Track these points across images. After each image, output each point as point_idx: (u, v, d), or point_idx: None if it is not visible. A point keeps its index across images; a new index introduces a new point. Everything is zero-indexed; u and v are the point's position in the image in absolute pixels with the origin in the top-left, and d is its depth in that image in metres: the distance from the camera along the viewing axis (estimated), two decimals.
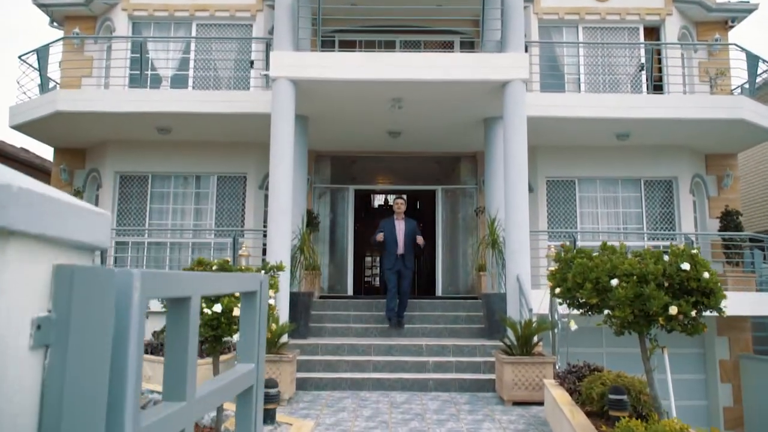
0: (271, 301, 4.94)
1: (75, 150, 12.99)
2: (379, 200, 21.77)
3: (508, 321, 7.38)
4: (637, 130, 11.56)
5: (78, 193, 12.51)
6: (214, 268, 5.09)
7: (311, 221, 12.21)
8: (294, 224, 9.86)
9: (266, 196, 12.47)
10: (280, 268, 5.68)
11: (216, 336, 4.62)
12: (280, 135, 8.99)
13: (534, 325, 7.16)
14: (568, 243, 11.37)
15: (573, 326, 7.25)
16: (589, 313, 5.01)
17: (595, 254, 5.05)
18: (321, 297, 12.04)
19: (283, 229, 8.76)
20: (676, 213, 12.64)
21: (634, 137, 11.91)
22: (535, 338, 7.25)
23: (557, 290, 5.20)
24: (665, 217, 12.72)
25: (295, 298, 9.05)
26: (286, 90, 9.09)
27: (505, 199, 9.06)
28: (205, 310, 4.41)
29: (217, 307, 4.45)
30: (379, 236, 9.30)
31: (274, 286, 5.05)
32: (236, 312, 4.56)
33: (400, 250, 9.32)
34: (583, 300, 4.79)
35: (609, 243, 5.26)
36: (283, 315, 8.56)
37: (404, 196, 9.52)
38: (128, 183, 12.64)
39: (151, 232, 12.53)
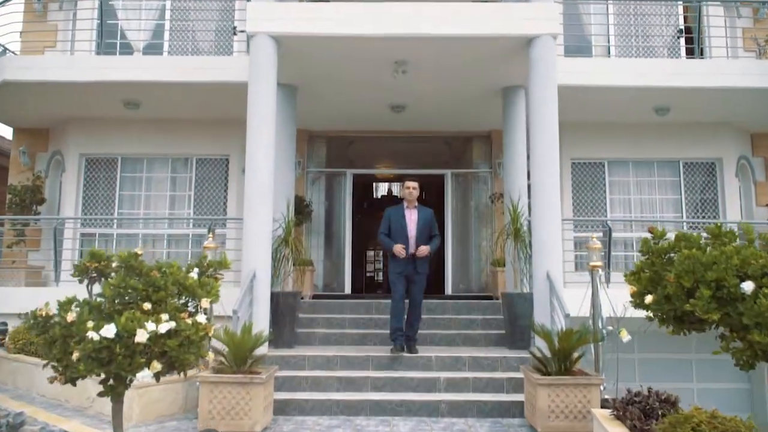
0: (201, 318, 3.39)
1: (36, 130, 11.45)
2: (382, 190, 20.24)
3: (542, 331, 5.82)
4: (679, 102, 9.95)
5: (38, 179, 10.99)
6: (114, 264, 3.57)
7: (302, 209, 10.69)
8: (278, 212, 8.32)
9: None
10: (222, 264, 4.11)
11: (113, 375, 3.10)
12: (259, 104, 7.43)
13: (576, 335, 5.60)
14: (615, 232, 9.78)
15: (625, 336, 5.73)
16: (689, 331, 3.44)
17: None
18: (315, 296, 10.53)
19: (262, 217, 7.21)
20: (720, 200, 11.05)
21: (673, 112, 10.31)
22: (576, 352, 5.69)
23: (648, 299, 3.61)
24: (707, 204, 11.13)
25: (277, 300, 7.52)
26: (266, 49, 7.53)
27: (531, 180, 7.49)
28: (90, 334, 2.89)
29: (109, 330, 2.96)
30: (398, 253, 7.11)
31: (212, 292, 3.51)
32: (141, 337, 3.03)
33: (411, 247, 7.17)
34: (697, 314, 3.17)
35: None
36: (261, 321, 7.02)
37: (416, 179, 7.63)
38: (95, 167, 11.10)
39: (121, 222, 11.00)
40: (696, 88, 9.32)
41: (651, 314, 3.65)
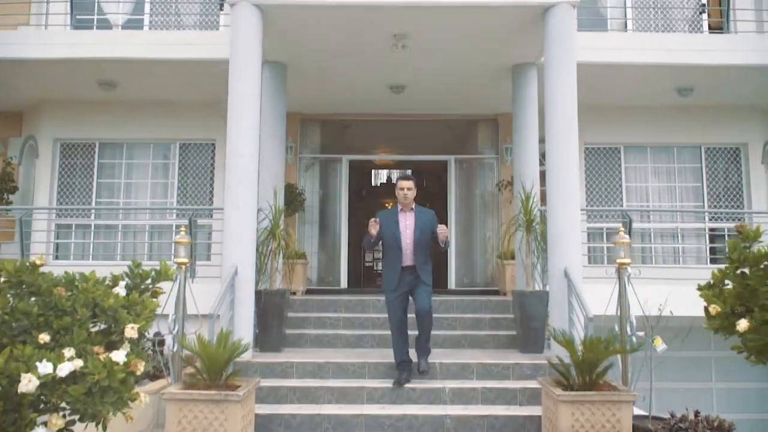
0: (119, 355, 2.48)
1: (9, 113, 10.62)
2: (381, 177, 19.47)
3: (563, 339, 5.04)
4: (704, 82, 9.15)
5: (9, 166, 10.18)
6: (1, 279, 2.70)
7: (294, 198, 9.90)
8: (265, 201, 7.54)
9: None
10: (163, 275, 3.22)
11: None
12: (241, 80, 6.63)
13: (603, 344, 4.83)
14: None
15: (660, 346, 4.98)
16: None
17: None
18: (308, 291, 9.80)
19: (244, 206, 6.43)
20: (744, 188, 10.26)
21: (696, 94, 9.50)
22: (603, 364, 4.92)
23: (741, 325, 2.78)
24: (730, 192, 10.34)
25: (263, 299, 6.75)
26: (249, 19, 6.71)
27: (546, 166, 6.70)
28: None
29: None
30: (372, 228, 5.84)
31: (143, 314, 2.67)
32: (28, 385, 2.21)
33: (408, 260, 5.86)
34: None
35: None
36: (244, 323, 6.27)
37: (412, 178, 6.10)
38: (71, 152, 10.30)
39: (100, 212, 10.21)
40: (724, 66, 8.52)
41: (741, 344, 2.84)
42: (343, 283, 10.51)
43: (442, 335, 7.17)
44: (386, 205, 19.22)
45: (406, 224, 5.92)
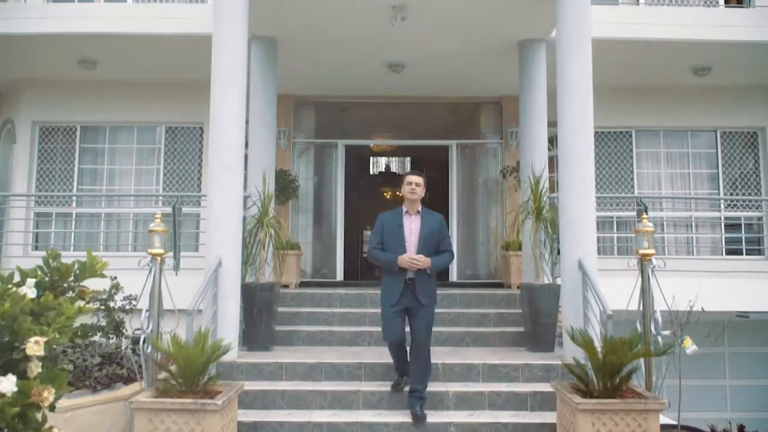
0: (6, 383, 1.91)
1: None
2: (381, 166, 18.88)
3: (582, 340, 4.49)
4: (723, 61, 8.60)
5: None
6: None
7: (287, 185, 9.35)
8: (254, 188, 7.01)
9: None
10: (89, 270, 2.65)
11: None
12: (224, 55, 6.04)
13: (626, 345, 4.29)
14: (633, 211, 8.49)
15: (690, 347, 4.47)
16: None
17: None
18: (302, 284, 9.27)
19: (229, 193, 5.87)
20: (762, 174, 9.74)
21: (712, 74, 8.95)
22: (627, 367, 4.39)
23: None
24: (747, 179, 9.81)
25: (251, 293, 6.22)
26: None
27: (558, 150, 6.15)
28: None
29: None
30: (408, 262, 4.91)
31: (56, 324, 2.03)
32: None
33: (410, 271, 5.00)
34: None
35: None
36: (229, 320, 5.74)
37: (422, 174, 5.23)
38: (51, 136, 9.73)
39: (82, 200, 9.66)
40: (744, 43, 8.02)
41: None
42: (339, 276, 9.98)
43: (444, 332, 6.64)
44: (384, 194, 18.68)
45: (411, 227, 5.08)
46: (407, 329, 5.09)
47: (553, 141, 9.41)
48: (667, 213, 9.61)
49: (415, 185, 5.09)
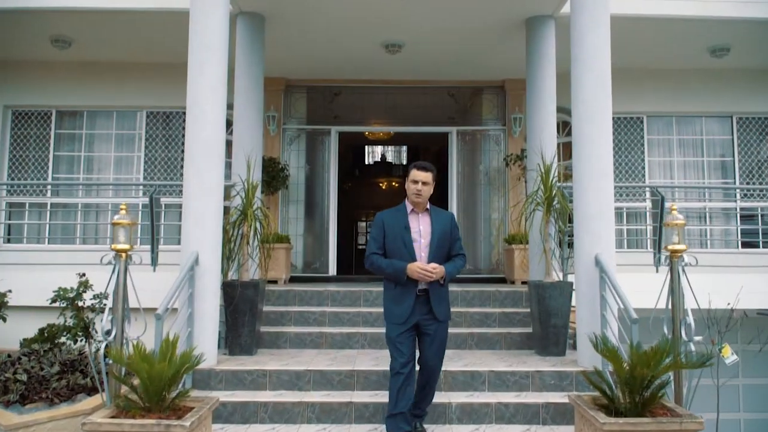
0: None
1: None
2: (375, 155, 18.31)
3: (606, 349, 3.92)
4: (741, 41, 8.03)
5: None
6: None
7: (276, 174, 8.76)
8: (238, 176, 6.42)
9: None
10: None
11: None
12: (203, 26, 5.43)
13: (657, 355, 3.73)
14: (649, 201, 7.94)
15: (730, 357, 3.92)
16: None
17: None
18: (292, 279, 8.73)
19: (208, 180, 5.28)
20: None
21: (732, 55, 8.37)
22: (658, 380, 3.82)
23: None
24: (763, 167, 9.25)
25: (232, 292, 5.64)
26: None
27: (574, 134, 5.56)
28: None
29: None
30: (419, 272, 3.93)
31: None
32: None
33: (422, 282, 4.03)
34: None
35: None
36: (207, 322, 5.16)
37: (431, 168, 4.14)
38: (24, 122, 9.12)
39: (58, 189, 9.06)
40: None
41: None
42: (332, 270, 9.41)
43: None
44: (380, 184, 18.09)
45: (421, 230, 4.07)
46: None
47: (559, 128, 8.85)
48: (680, 204, 9.04)
49: (422, 184, 4.01)
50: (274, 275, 8.31)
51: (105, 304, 5.45)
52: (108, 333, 4.19)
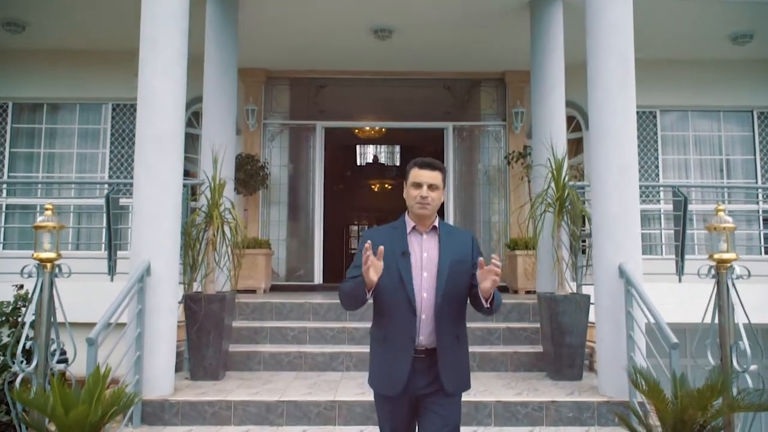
0: None
1: None
2: (367, 156, 17.52)
3: (651, 388, 3.12)
4: (766, 25, 7.29)
5: None
6: None
7: (255, 173, 7.97)
8: (204, 173, 5.61)
9: (187, 135, 8.20)
10: None
11: None
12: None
13: (708, 393, 2.95)
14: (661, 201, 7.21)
15: None
16: None
17: None
18: (273, 288, 7.95)
19: (160, 174, 4.46)
20: None
21: (754, 42, 7.63)
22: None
23: None
24: None
25: (194, 308, 4.83)
26: None
27: (591, 126, 4.79)
28: None
29: None
30: (371, 270, 2.35)
31: None
32: None
33: (425, 333, 2.52)
34: None
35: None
36: (161, 344, 4.35)
37: (440, 167, 2.61)
38: None
39: (14, 188, 8.22)
40: None
41: None
42: (318, 278, 8.61)
43: None
44: (372, 186, 17.26)
45: (424, 258, 2.59)
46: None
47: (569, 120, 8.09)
48: (697, 206, 8.27)
49: (428, 189, 2.55)
50: (252, 284, 7.52)
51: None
52: (27, 362, 3.38)
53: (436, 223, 2.63)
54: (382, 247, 2.37)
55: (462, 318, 2.62)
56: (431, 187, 2.56)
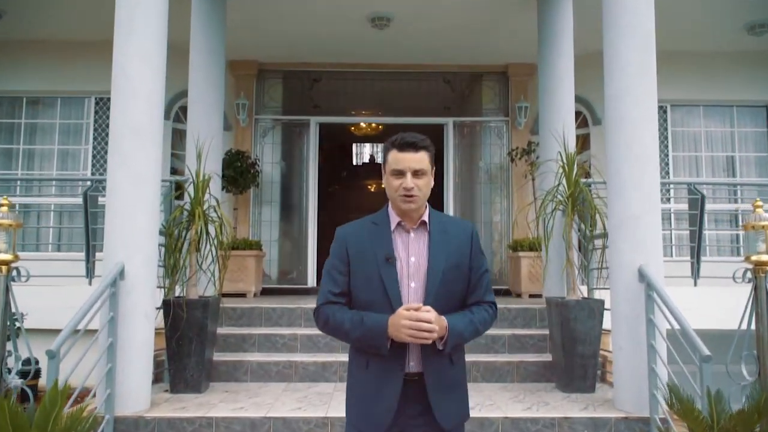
0: None
1: None
2: (363, 155, 17.11)
3: (687, 410, 2.72)
4: None
5: None
6: None
7: (246, 170, 7.58)
8: (189, 170, 5.22)
9: (174, 131, 7.84)
10: None
11: None
12: None
13: (754, 416, 2.57)
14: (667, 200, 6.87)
15: None
16: None
17: None
18: (265, 292, 7.57)
19: (135, 166, 4.05)
20: None
21: None
22: None
23: None
24: None
25: (174, 314, 4.43)
26: None
27: (606, 116, 4.41)
28: None
29: None
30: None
31: None
32: None
33: (414, 355, 2.00)
34: None
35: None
36: (134, 357, 3.94)
37: (425, 145, 2.02)
38: None
39: None
40: None
41: None
42: (311, 281, 8.20)
43: None
44: (369, 187, 16.86)
45: (411, 262, 2.04)
46: None
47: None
48: (709, 206, 7.89)
49: (413, 177, 2.00)
50: (242, 288, 7.13)
51: (20, 327, 4.25)
52: None
53: (426, 217, 2.06)
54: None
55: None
56: (417, 173, 1.99)
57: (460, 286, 2.05)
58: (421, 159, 2.00)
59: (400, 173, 2.00)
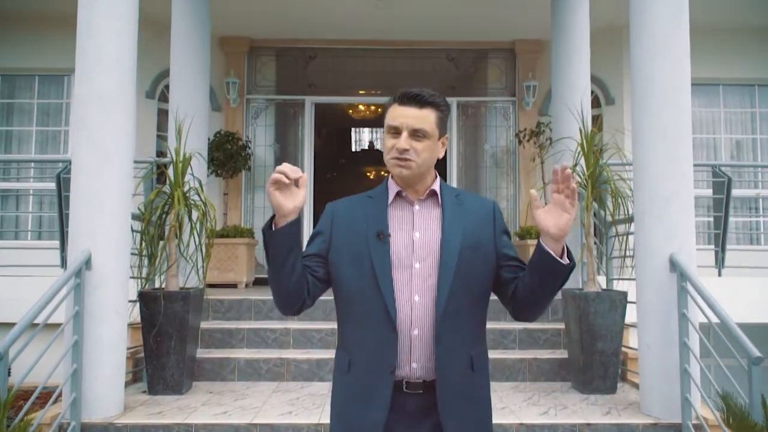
0: None
1: None
2: (362, 142, 16.63)
3: (743, 428, 2.32)
4: None
5: None
6: None
7: (236, 153, 7.12)
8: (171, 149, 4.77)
9: (160, 111, 7.37)
10: None
11: None
12: None
13: None
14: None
15: None
16: None
17: None
18: (257, 282, 7.15)
19: (100, 142, 3.59)
20: None
21: None
22: None
23: None
24: None
25: (150, 308, 4.00)
26: None
27: (634, 88, 3.95)
28: None
29: None
30: (282, 198, 1.55)
31: None
32: None
33: (416, 356, 1.54)
34: None
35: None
36: (101, 357, 3.50)
37: (430, 98, 1.59)
38: None
39: None
40: None
41: None
42: None
43: None
44: (367, 174, 16.39)
45: (415, 238, 1.60)
46: None
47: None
48: (738, 190, 7.45)
49: (410, 136, 1.57)
50: (233, 278, 6.72)
51: None
52: None
53: (437, 186, 1.65)
54: (305, 175, 1.56)
55: (481, 332, 1.65)
56: (416, 134, 1.57)
57: (479, 270, 1.60)
58: (424, 117, 1.58)
59: (395, 131, 1.58)
